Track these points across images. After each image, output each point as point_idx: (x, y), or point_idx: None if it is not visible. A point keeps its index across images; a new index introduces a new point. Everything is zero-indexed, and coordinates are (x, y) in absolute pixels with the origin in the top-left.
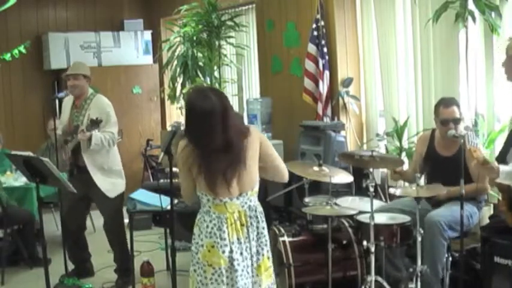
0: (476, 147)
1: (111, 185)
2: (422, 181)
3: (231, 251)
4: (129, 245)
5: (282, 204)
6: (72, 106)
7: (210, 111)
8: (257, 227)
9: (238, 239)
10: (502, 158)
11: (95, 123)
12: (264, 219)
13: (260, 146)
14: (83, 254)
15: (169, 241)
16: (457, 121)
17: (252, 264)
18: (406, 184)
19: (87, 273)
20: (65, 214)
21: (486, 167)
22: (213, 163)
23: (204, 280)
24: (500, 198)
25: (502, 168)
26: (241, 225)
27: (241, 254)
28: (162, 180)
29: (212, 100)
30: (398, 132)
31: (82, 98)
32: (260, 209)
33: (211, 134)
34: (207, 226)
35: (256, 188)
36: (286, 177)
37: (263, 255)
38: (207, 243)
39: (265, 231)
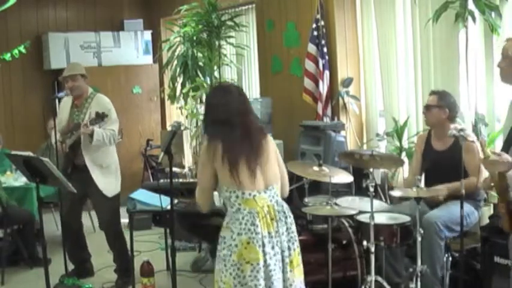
0: (485, 142)
1: (108, 184)
2: (422, 182)
3: (264, 245)
4: (129, 245)
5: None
6: (72, 106)
7: (228, 102)
8: (286, 222)
9: (269, 233)
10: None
11: (100, 117)
12: (291, 214)
13: (275, 153)
14: (83, 254)
15: (169, 241)
16: (428, 108)
17: (283, 260)
18: None
19: (87, 273)
20: (65, 215)
21: (495, 160)
22: (236, 149)
23: (242, 280)
24: (499, 200)
25: None
26: (271, 219)
27: (272, 248)
28: (162, 180)
29: (231, 92)
30: (398, 132)
31: (82, 97)
32: (286, 205)
33: (230, 122)
34: (240, 223)
35: (280, 184)
36: (286, 193)
37: (294, 250)
38: (242, 241)
39: (294, 227)
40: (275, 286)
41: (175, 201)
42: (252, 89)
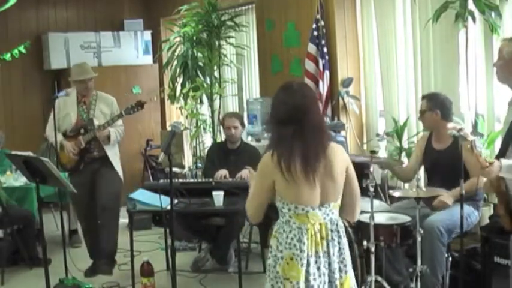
0: (481, 153)
1: (120, 171)
2: (422, 181)
3: (308, 264)
4: (129, 245)
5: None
6: (77, 103)
7: (286, 100)
8: (338, 243)
9: (316, 252)
10: (501, 157)
11: (139, 105)
12: (345, 234)
13: (346, 169)
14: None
15: (169, 241)
16: (421, 113)
17: (331, 281)
18: (407, 186)
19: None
20: (84, 212)
21: (491, 170)
22: (291, 154)
23: None
24: (497, 202)
25: (504, 162)
26: (321, 238)
27: (318, 268)
28: (162, 180)
29: (292, 90)
30: (398, 132)
31: (90, 95)
32: (341, 223)
33: (288, 122)
34: (287, 237)
35: (339, 202)
36: (355, 216)
37: (346, 272)
38: (286, 255)
39: (347, 248)
40: None
41: (175, 201)
42: (252, 89)
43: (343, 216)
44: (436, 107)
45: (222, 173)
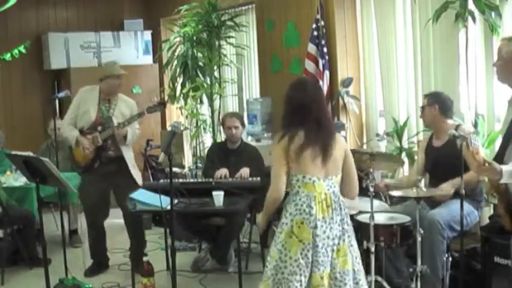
0: (478, 150)
1: (138, 173)
2: (422, 181)
3: (315, 227)
4: (128, 245)
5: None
6: (99, 101)
7: (302, 95)
8: (340, 213)
9: (323, 217)
10: (499, 161)
11: (161, 104)
12: (345, 208)
13: (345, 153)
14: (104, 249)
15: (169, 241)
16: (421, 110)
17: (332, 245)
18: None
19: (106, 267)
20: (91, 212)
21: (488, 168)
22: (304, 135)
23: (284, 257)
24: (498, 201)
25: (505, 168)
26: (327, 206)
27: (324, 232)
28: (162, 180)
29: (307, 86)
30: (398, 132)
31: (117, 93)
32: (342, 198)
33: (303, 112)
34: (296, 204)
35: (339, 177)
36: (354, 194)
37: (344, 240)
38: (296, 220)
39: (348, 219)
40: (320, 266)
41: (175, 201)
42: (252, 89)
43: (344, 192)
44: (435, 102)
45: (222, 172)
